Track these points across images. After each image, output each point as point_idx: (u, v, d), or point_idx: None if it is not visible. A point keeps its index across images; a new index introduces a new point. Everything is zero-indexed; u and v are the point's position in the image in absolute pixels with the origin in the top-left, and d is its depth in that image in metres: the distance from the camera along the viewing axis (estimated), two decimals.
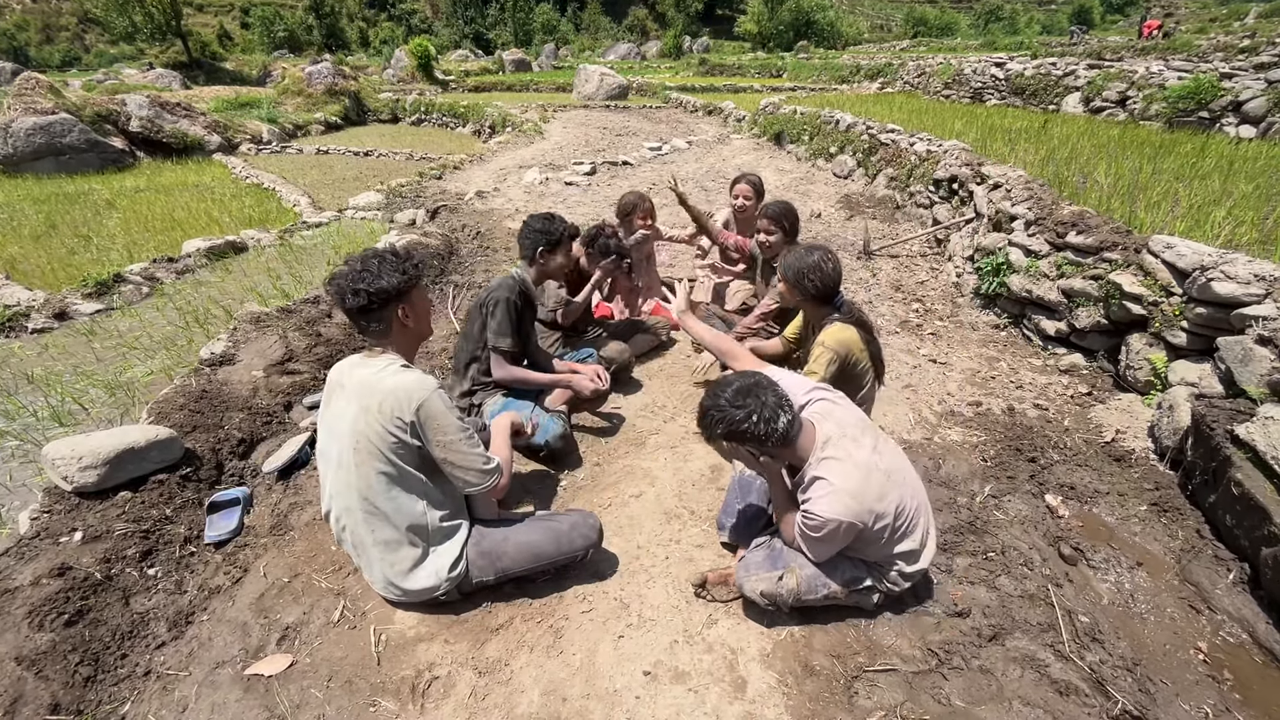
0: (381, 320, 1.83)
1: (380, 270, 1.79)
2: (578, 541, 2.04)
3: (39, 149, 10.50)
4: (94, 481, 2.22)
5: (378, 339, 1.87)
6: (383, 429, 1.76)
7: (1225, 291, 2.72)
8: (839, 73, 21.17)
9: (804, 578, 1.86)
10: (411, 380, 1.80)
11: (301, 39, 49.02)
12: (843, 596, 1.89)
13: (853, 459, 1.76)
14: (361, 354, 1.91)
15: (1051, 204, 4.10)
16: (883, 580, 1.90)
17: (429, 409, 1.78)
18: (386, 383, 1.78)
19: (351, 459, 1.80)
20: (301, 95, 17.23)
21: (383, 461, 1.79)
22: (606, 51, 45.58)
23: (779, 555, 1.94)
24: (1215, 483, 2.27)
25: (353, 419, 1.79)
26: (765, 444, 1.73)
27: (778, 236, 3.19)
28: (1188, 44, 15.24)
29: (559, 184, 8.25)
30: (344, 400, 1.84)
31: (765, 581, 1.87)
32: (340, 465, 1.85)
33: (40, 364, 3.58)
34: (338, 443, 1.85)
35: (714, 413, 1.75)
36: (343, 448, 1.83)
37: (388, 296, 1.79)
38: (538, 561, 2.00)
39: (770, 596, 1.87)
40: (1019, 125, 7.82)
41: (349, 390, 1.84)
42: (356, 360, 1.90)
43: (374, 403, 1.77)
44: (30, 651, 1.71)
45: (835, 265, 2.32)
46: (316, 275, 4.81)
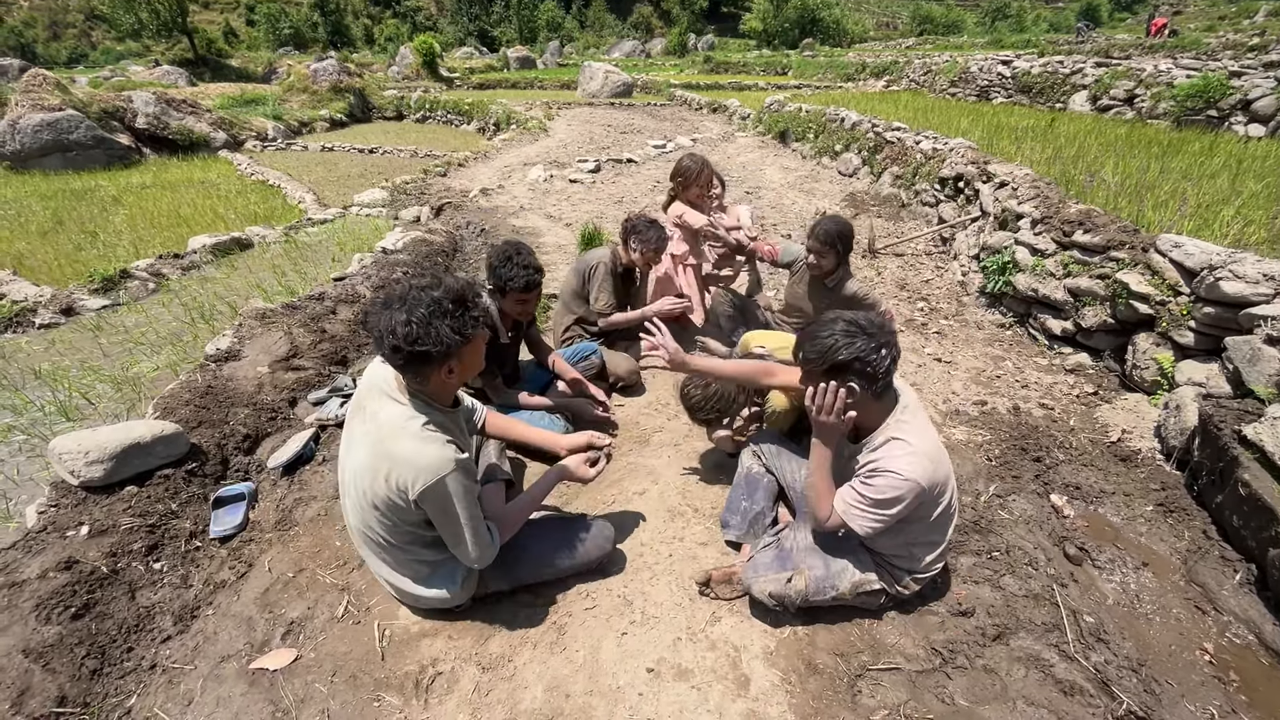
0: (420, 375, 1.62)
1: (429, 327, 1.50)
2: (593, 553, 2.05)
3: (46, 145, 10.56)
4: (100, 476, 2.23)
5: (412, 383, 1.67)
6: (384, 485, 1.63)
7: (1233, 291, 2.70)
8: (844, 70, 21.09)
9: (812, 579, 1.86)
10: (429, 457, 1.59)
11: (306, 36, 49.11)
12: (850, 598, 1.89)
13: (929, 427, 1.78)
14: (395, 376, 1.69)
15: (1058, 202, 4.08)
16: (894, 584, 1.89)
17: (435, 494, 1.61)
18: (403, 448, 1.59)
19: (356, 497, 1.73)
20: (306, 92, 17.27)
21: (381, 515, 1.70)
22: (611, 49, 45.54)
23: (788, 556, 1.94)
24: (1222, 483, 2.26)
25: (362, 463, 1.67)
26: (875, 382, 1.66)
27: (830, 260, 2.95)
28: (1196, 42, 15.14)
29: (563, 181, 8.25)
30: (360, 430, 1.69)
31: (774, 583, 1.87)
32: (349, 492, 1.78)
33: (47, 359, 3.60)
34: (349, 466, 1.75)
35: (830, 339, 1.66)
36: (353, 478, 1.73)
37: (430, 358, 1.54)
38: (553, 572, 2.01)
39: (778, 598, 1.86)
40: (1025, 123, 7.78)
41: (368, 427, 1.66)
42: (387, 386, 1.68)
43: (382, 465, 1.61)
44: (37, 644, 1.72)
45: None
46: (321, 272, 4.82)
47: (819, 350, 1.68)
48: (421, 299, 1.52)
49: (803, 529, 2.03)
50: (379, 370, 1.75)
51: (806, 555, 1.91)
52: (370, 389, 1.74)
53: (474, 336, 1.61)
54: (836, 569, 1.88)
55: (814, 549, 1.94)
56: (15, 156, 10.50)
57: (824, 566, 1.88)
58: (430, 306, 1.52)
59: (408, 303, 1.52)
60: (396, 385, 1.68)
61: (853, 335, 1.66)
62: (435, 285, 1.57)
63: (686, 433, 2.99)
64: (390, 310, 1.52)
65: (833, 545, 1.94)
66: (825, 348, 1.67)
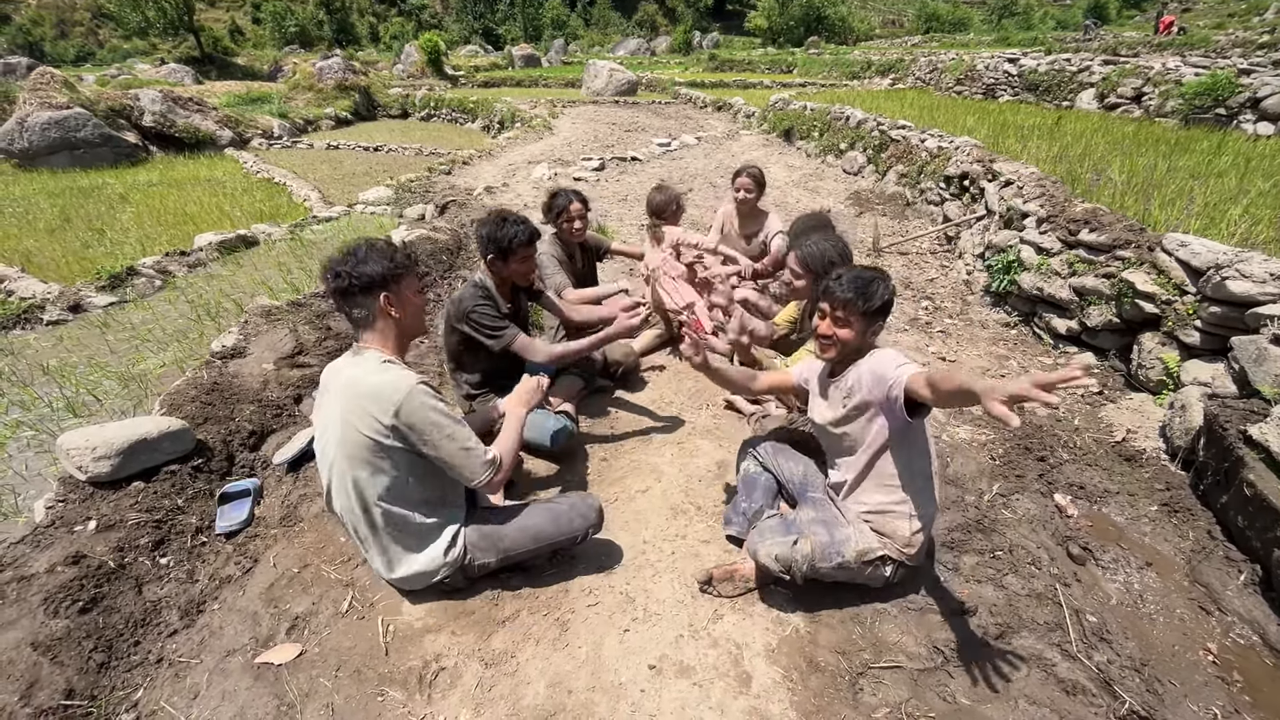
0: (364, 307, 1.80)
1: (367, 255, 1.78)
2: (576, 522, 2.04)
3: (54, 143, 10.62)
4: (107, 472, 2.25)
5: (362, 328, 1.84)
6: (363, 435, 1.73)
7: (1240, 290, 2.68)
8: (850, 68, 21.01)
9: (818, 544, 1.87)
10: (390, 379, 1.74)
11: (312, 34, 49.21)
12: (855, 566, 1.89)
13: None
14: (349, 352, 1.88)
15: (1064, 201, 4.06)
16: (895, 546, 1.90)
17: (409, 409, 1.72)
18: (367, 383, 1.75)
19: (342, 464, 1.79)
20: (312, 90, 17.33)
21: (367, 468, 1.77)
22: (616, 47, 45.48)
23: (793, 524, 1.97)
24: (1227, 483, 2.25)
25: (338, 423, 1.77)
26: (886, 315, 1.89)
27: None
28: (1205, 39, 15.03)
29: (568, 179, 8.25)
30: (331, 403, 1.81)
31: (780, 545, 1.88)
32: (332, 468, 1.83)
33: (55, 355, 3.63)
34: (330, 441, 1.82)
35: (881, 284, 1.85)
36: (332, 452, 1.81)
37: (371, 282, 1.76)
38: (538, 542, 2.01)
39: (784, 561, 1.87)
40: (1032, 122, 7.74)
41: (334, 393, 1.81)
42: (345, 360, 1.87)
43: (355, 406, 1.74)
44: (46, 637, 1.74)
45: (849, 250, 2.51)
46: None
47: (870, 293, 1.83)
48: (359, 242, 1.84)
49: (805, 509, 2.07)
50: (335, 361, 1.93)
51: (811, 525, 1.95)
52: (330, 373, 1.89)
53: (404, 268, 1.84)
54: (840, 537, 1.90)
55: (818, 520, 1.97)
56: (23, 154, 10.56)
57: (828, 534, 1.90)
58: (365, 243, 1.82)
59: (348, 246, 1.83)
60: (353, 355, 1.86)
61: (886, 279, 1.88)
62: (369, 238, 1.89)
63: (689, 431, 2.99)
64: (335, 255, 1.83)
65: (835, 519, 1.97)
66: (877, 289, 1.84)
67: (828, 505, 2.07)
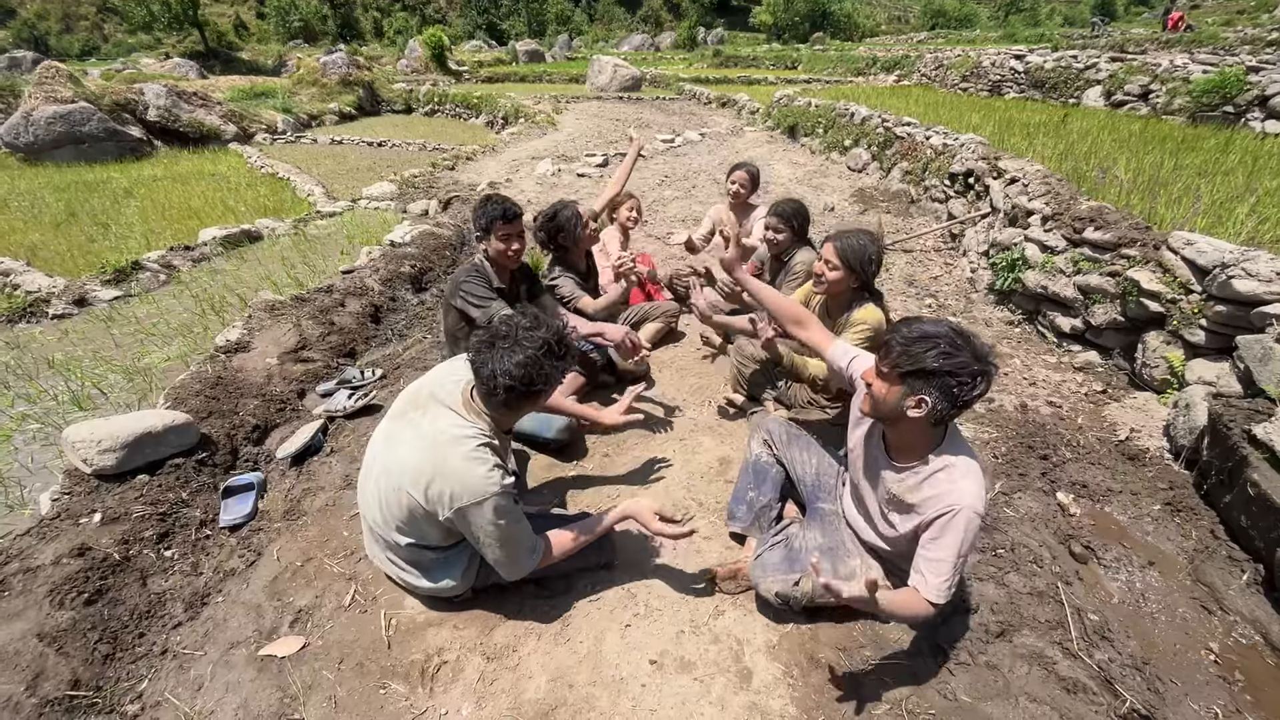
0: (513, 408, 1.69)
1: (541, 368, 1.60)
2: (592, 558, 2.06)
3: (59, 137, 10.64)
4: (112, 464, 2.26)
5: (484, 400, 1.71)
6: (420, 501, 1.67)
7: (1246, 289, 2.67)
8: (855, 65, 20.92)
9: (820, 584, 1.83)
10: (475, 478, 1.62)
11: (316, 29, 49.15)
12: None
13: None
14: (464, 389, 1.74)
15: (1069, 199, 4.04)
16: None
17: (474, 516, 1.65)
18: (452, 464, 1.62)
19: (388, 487, 1.74)
20: (316, 85, 17.31)
21: (405, 518, 1.75)
22: (620, 42, 45.33)
23: (796, 557, 1.92)
24: (1231, 483, 2.24)
25: (405, 463, 1.69)
26: (952, 408, 1.49)
27: (785, 235, 3.13)
28: (1214, 36, 14.91)
29: (571, 175, 8.24)
30: (411, 434, 1.70)
31: (781, 584, 1.84)
32: (373, 484, 1.80)
33: (61, 349, 3.65)
34: (386, 457, 1.77)
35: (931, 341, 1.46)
36: (381, 474, 1.76)
37: (535, 396, 1.65)
38: (553, 572, 2.01)
39: (784, 597, 1.84)
40: (1038, 119, 7.70)
41: (422, 430, 1.68)
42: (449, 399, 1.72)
43: (426, 472, 1.64)
44: (51, 629, 1.75)
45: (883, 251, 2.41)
46: (330, 264, 4.85)
47: (914, 345, 1.48)
48: (532, 340, 1.61)
49: (811, 529, 2.02)
50: (450, 376, 1.80)
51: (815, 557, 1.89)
52: (435, 394, 1.76)
53: (558, 383, 1.70)
54: (845, 572, 1.86)
55: (823, 550, 1.92)
56: (29, 148, 10.59)
57: (832, 570, 1.86)
58: (541, 348, 1.61)
59: (520, 343, 1.61)
60: (461, 400, 1.72)
61: (958, 348, 1.46)
62: (538, 326, 1.65)
63: (692, 427, 3.00)
64: (499, 350, 1.60)
65: (842, 550, 1.93)
66: (921, 346, 1.47)
67: (836, 526, 2.01)
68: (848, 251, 2.29)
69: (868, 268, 2.28)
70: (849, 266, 2.29)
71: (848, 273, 2.30)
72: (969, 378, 1.45)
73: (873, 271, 2.31)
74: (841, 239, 2.32)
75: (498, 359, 1.60)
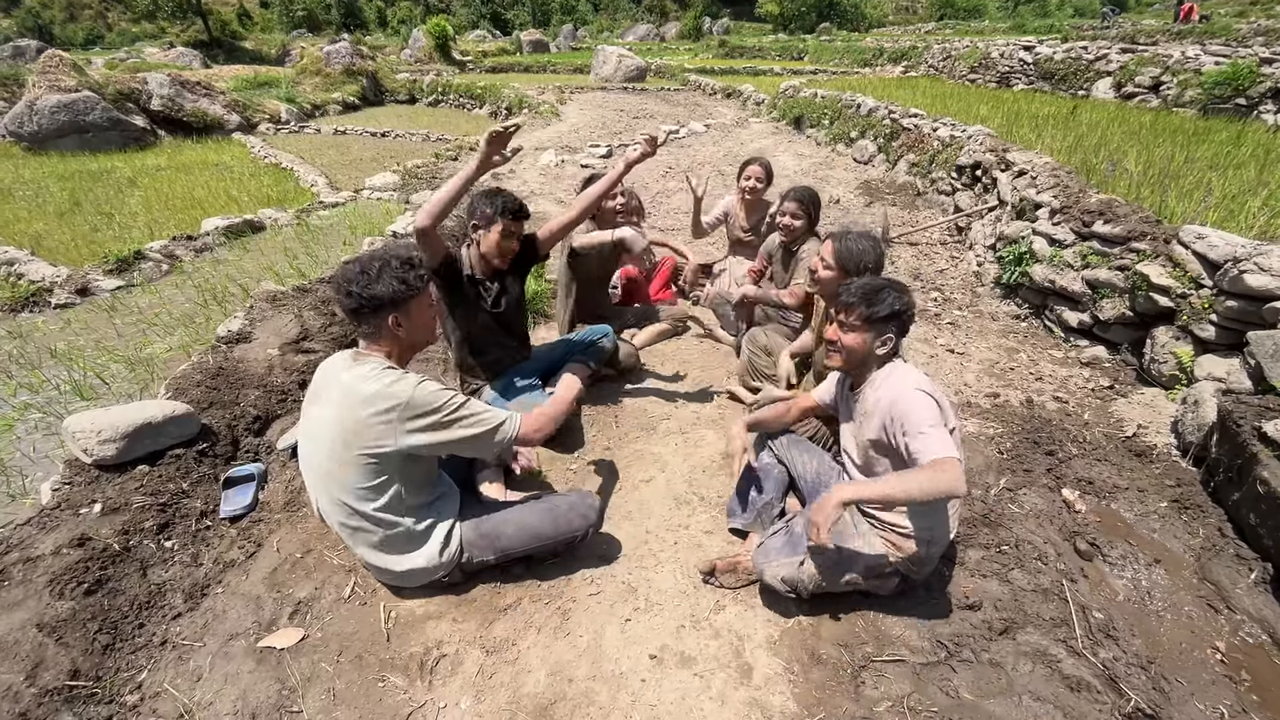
0: (372, 325, 1.78)
1: (379, 275, 1.73)
2: (576, 521, 2.02)
3: (63, 127, 10.63)
4: (113, 455, 2.26)
5: (369, 340, 1.82)
6: (362, 440, 1.69)
7: (1258, 284, 2.63)
8: (862, 56, 20.72)
9: (825, 563, 1.84)
10: (390, 384, 1.70)
11: (320, 18, 48.93)
12: (863, 581, 1.87)
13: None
14: (351, 352, 1.84)
15: (1078, 192, 3.99)
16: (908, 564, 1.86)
17: (414, 404, 1.69)
18: (368, 388, 1.69)
19: (333, 467, 1.76)
20: (319, 75, 17.24)
21: (362, 480, 1.74)
22: (625, 32, 45.03)
23: (799, 541, 1.92)
24: (1240, 480, 2.22)
25: (335, 426, 1.73)
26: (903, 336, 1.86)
27: (803, 222, 3.08)
28: (1226, 28, 14.71)
29: (575, 166, 8.19)
30: (329, 406, 1.77)
31: (786, 567, 1.85)
32: (321, 473, 1.80)
33: (63, 339, 3.65)
34: (319, 449, 1.79)
35: (891, 292, 1.82)
36: (323, 455, 1.77)
37: (380, 303, 1.73)
38: (537, 541, 1.99)
39: (791, 582, 1.84)
40: (1046, 111, 7.61)
41: (333, 397, 1.76)
42: (344, 361, 1.81)
43: (356, 413, 1.69)
44: (51, 619, 1.75)
45: (883, 254, 2.39)
46: (333, 255, 4.83)
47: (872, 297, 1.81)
48: (374, 256, 1.80)
49: None
50: (331, 360, 1.88)
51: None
52: (325, 376, 1.84)
53: (416, 289, 1.81)
54: (849, 552, 1.86)
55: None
56: (33, 137, 10.58)
57: (836, 550, 1.86)
58: (381, 261, 1.77)
59: (362, 260, 1.79)
60: (351, 359, 1.80)
61: (899, 288, 1.83)
62: (387, 250, 1.85)
63: (694, 421, 2.98)
64: (347, 266, 1.79)
65: (844, 532, 1.92)
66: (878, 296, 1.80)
67: None
68: (844, 255, 2.28)
69: (862, 275, 2.19)
70: (843, 269, 2.27)
71: (840, 275, 2.28)
72: (910, 308, 1.85)
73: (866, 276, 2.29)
74: (843, 240, 2.30)
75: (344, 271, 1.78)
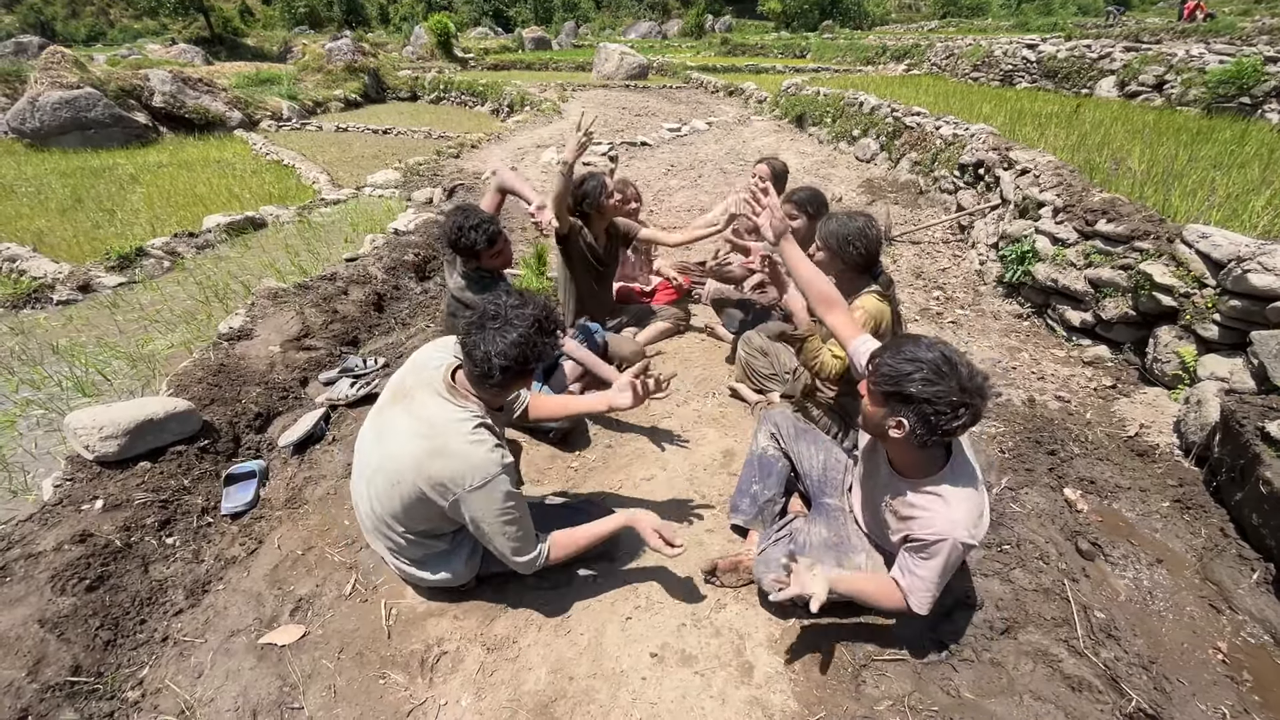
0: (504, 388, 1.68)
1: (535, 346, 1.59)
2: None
3: (65, 123, 10.62)
4: (114, 451, 2.26)
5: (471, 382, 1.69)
6: (423, 489, 1.64)
7: (1262, 284, 2.62)
8: (864, 54, 20.65)
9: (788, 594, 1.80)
10: (479, 458, 1.61)
11: (322, 15, 48.85)
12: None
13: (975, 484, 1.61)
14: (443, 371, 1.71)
15: (1081, 190, 3.98)
16: None
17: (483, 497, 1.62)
18: (454, 447, 1.60)
19: (384, 483, 1.71)
20: (321, 72, 17.23)
21: (406, 505, 1.71)
22: (627, 30, 44.91)
23: (801, 549, 1.90)
24: (1243, 480, 2.21)
25: (400, 454, 1.65)
26: (930, 434, 1.47)
27: (801, 221, 3.06)
28: (1231, 26, 14.65)
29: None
30: (406, 422, 1.67)
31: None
32: (371, 478, 1.77)
33: (65, 335, 3.65)
34: (379, 453, 1.73)
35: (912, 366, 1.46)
36: (376, 471, 1.73)
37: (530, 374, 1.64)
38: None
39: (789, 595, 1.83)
40: (1050, 109, 7.58)
41: (415, 421, 1.65)
42: (439, 376, 1.69)
43: (428, 461, 1.61)
44: (53, 614, 1.75)
45: (877, 233, 2.22)
46: (334, 252, 4.83)
47: (892, 371, 1.50)
48: (522, 318, 1.59)
49: (816, 524, 2.00)
50: (429, 363, 1.76)
51: (821, 552, 1.87)
52: (419, 382, 1.73)
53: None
54: (850, 567, 1.83)
55: (828, 545, 1.90)
56: (35, 134, 10.58)
57: (837, 563, 1.84)
58: (531, 325, 1.59)
59: (510, 322, 1.58)
60: (445, 385, 1.69)
61: (941, 375, 1.44)
62: (525, 304, 1.63)
63: (696, 419, 2.97)
64: (491, 331, 1.58)
65: (847, 544, 1.91)
66: (901, 372, 1.47)
67: (842, 520, 1.98)
68: (826, 234, 2.23)
69: (845, 248, 2.16)
70: (829, 248, 2.22)
71: (830, 254, 2.24)
72: (947, 408, 1.44)
73: (853, 252, 2.17)
74: (825, 221, 2.26)
75: (490, 340, 1.58)
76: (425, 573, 1.87)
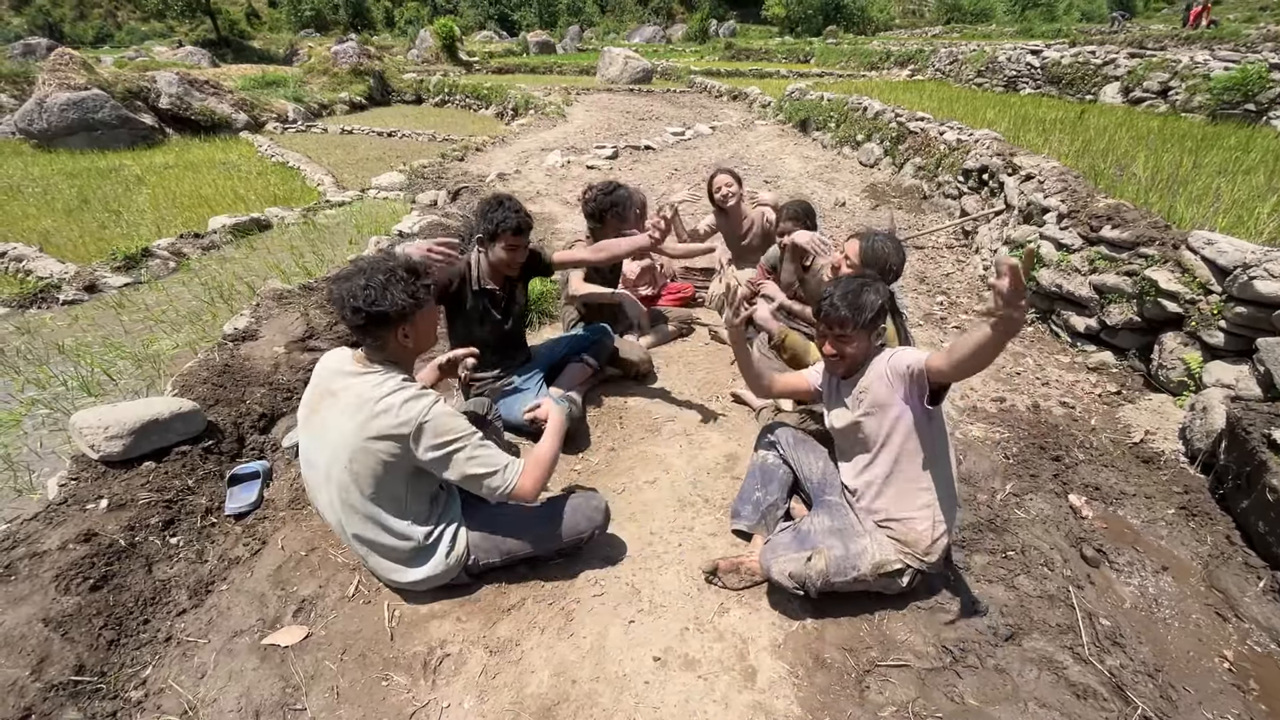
0: (378, 338, 1.75)
1: (385, 290, 1.68)
2: (582, 524, 2.02)
3: (72, 124, 10.68)
4: (119, 451, 2.26)
5: (373, 350, 1.79)
6: (375, 447, 1.70)
7: (1268, 290, 2.61)
8: (868, 59, 20.71)
9: (832, 559, 1.83)
10: (411, 399, 1.70)
11: (328, 18, 49.16)
12: (871, 580, 1.85)
13: None
14: (352, 355, 1.81)
15: (1086, 196, 3.98)
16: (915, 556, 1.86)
17: (428, 428, 1.69)
18: (390, 400, 1.69)
19: (343, 474, 1.75)
20: (327, 74, 17.32)
21: (371, 482, 1.75)
22: (631, 34, 45.07)
23: (806, 537, 1.92)
24: (1249, 487, 2.20)
25: (345, 434, 1.72)
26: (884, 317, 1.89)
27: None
28: (1236, 33, 14.65)
29: (580, 167, 8.20)
30: (336, 411, 1.75)
31: (793, 563, 1.84)
32: (329, 478, 1.79)
33: (70, 335, 3.66)
34: (326, 453, 1.78)
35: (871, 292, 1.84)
36: (332, 460, 1.77)
37: (388, 318, 1.70)
38: (543, 544, 2.00)
39: (798, 578, 1.83)
40: (1054, 115, 7.59)
41: (342, 402, 1.74)
42: (348, 364, 1.79)
43: (373, 422, 1.68)
44: (57, 614, 1.75)
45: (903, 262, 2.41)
46: (339, 253, 4.84)
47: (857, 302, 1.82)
48: (378, 267, 1.72)
49: (820, 515, 2.01)
50: (333, 358, 1.86)
51: (825, 537, 1.90)
52: (329, 375, 1.82)
53: (424, 302, 1.79)
54: (856, 550, 1.85)
55: (833, 530, 1.92)
56: (42, 135, 10.64)
57: (843, 547, 1.85)
58: (386, 274, 1.70)
59: (366, 271, 1.71)
60: (356, 363, 1.78)
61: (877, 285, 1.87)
62: (390, 258, 1.79)
63: (699, 422, 2.97)
64: (350, 279, 1.70)
65: (851, 530, 1.92)
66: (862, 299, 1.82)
67: (844, 512, 2.01)
68: (869, 254, 2.30)
69: (885, 275, 2.26)
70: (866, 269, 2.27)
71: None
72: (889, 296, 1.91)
73: (890, 279, 2.30)
74: (870, 239, 2.34)
75: (347, 286, 1.69)
76: (410, 570, 1.87)
